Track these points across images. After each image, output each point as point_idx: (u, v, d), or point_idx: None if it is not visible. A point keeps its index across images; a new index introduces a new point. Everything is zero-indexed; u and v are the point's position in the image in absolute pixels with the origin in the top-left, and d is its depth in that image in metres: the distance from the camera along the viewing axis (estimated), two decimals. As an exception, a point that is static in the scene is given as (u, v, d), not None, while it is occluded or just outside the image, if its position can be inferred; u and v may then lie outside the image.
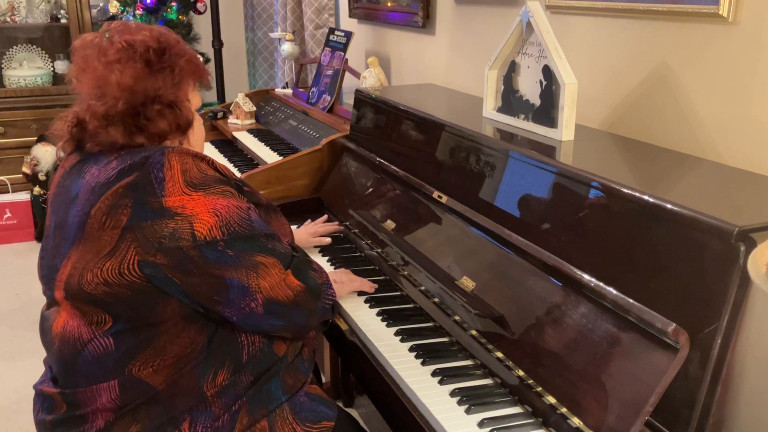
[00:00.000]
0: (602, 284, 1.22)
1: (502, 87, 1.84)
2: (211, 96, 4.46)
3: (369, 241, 1.93)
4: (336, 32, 2.91)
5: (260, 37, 4.78)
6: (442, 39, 2.67)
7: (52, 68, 4.58)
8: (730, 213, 1.13)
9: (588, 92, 1.87)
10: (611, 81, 1.85)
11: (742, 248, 1.06)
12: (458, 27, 2.56)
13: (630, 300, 1.16)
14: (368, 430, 1.54)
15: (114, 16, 4.29)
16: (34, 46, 4.58)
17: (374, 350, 1.50)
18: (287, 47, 3.47)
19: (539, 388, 1.24)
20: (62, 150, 1.40)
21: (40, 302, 1.42)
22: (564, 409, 1.18)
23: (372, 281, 1.75)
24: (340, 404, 1.88)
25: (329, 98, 2.79)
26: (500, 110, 1.86)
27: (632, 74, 1.78)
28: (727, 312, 1.06)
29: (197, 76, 1.40)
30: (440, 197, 1.73)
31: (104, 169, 1.27)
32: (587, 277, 1.25)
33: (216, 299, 1.25)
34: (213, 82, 4.27)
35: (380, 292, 1.73)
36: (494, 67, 1.85)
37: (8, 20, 4.44)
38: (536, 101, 1.71)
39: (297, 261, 1.36)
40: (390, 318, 1.60)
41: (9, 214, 4.24)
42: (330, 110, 2.75)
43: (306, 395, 1.41)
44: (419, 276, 1.67)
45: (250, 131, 3.02)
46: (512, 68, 1.79)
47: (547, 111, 1.67)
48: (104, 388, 1.26)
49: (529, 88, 1.73)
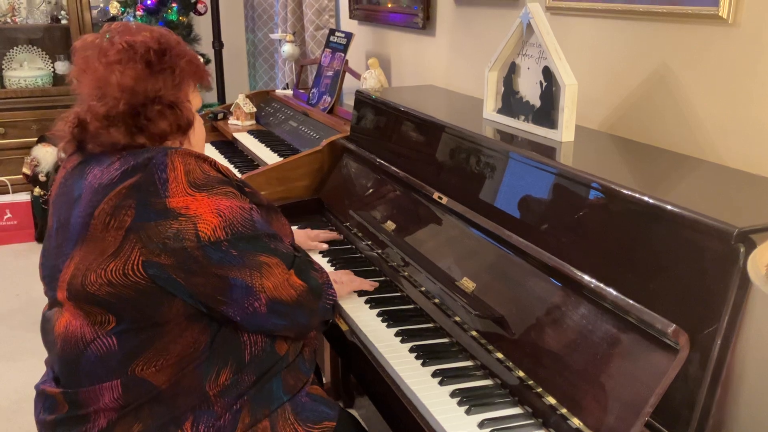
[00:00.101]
0: (602, 285, 1.22)
1: (502, 88, 1.84)
2: (212, 97, 4.46)
3: (369, 242, 1.93)
4: (336, 33, 2.91)
5: (260, 38, 4.78)
6: (443, 40, 2.68)
7: (53, 69, 4.58)
8: (730, 214, 1.13)
9: (588, 93, 1.87)
10: (611, 82, 1.85)
11: (742, 249, 1.06)
12: (458, 28, 2.56)
13: (630, 301, 1.16)
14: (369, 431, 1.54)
15: (114, 17, 4.29)
16: (35, 47, 4.58)
17: (374, 351, 1.50)
18: (287, 48, 3.47)
19: (539, 389, 1.25)
20: (64, 151, 1.40)
21: (41, 303, 1.42)
22: (564, 410, 1.19)
23: (372, 282, 1.75)
24: (340, 405, 1.88)
25: (329, 99, 2.79)
26: (500, 111, 1.86)
27: (632, 75, 1.78)
28: (727, 313, 1.06)
29: (198, 77, 1.41)
30: (440, 198, 1.74)
31: (107, 170, 1.27)
32: (587, 278, 1.25)
33: (220, 299, 1.26)
34: (213, 83, 4.26)
35: (380, 293, 1.73)
36: (494, 69, 1.85)
37: (9, 21, 4.44)
38: (536, 102, 1.72)
39: (299, 261, 1.37)
40: (390, 319, 1.60)
41: (9, 215, 4.25)
42: (330, 111, 2.75)
43: (307, 395, 1.42)
44: (419, 277, 1.67)
45: (251, 132, 3.03)
46: (512, 69, 1.79)
47: (548, 112, 1.68)
48: (107, 388, 1.27)
49: (529, 90, 1.74)
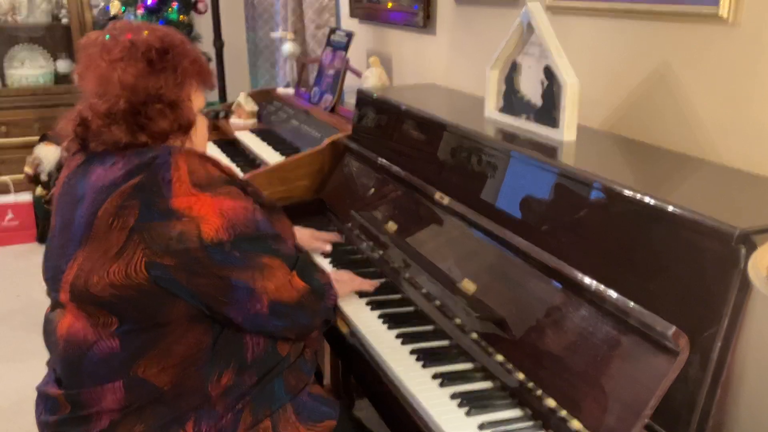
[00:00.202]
0: (603, 287, 1.22)
1: (504, 87, 1.84)
2: (213, 96, 4.45)
3: (371, 243, 1.93)
4: (337, 32, 2.91)
5: (261, 37, 4.77)
6: (443, 39, 2.67)
7: (54, 67, 4.58)
8: (731, 215, 1.12)
9: (589, 93, 1.86)
10: (612, 82, 1.85)
11: (743, 251, 1.06)
12: (459, 27, 2.55)
13: (630, 303, 1.16)
14: (371, 430, 1.54)
15: (115, 16, 4.28)
16: (36, 45, 4.57)
17: (375, 353, 1.50)
18: (288, 47, 3.47)
19: (539, 391, 1.24)
20: (67, 149, 1.40)
21: (42, 304, 1.42)
22: (564, 412, 1.18)
23: (373, 281, 1.75)
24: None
25: (331, 98, 2.78)
26: (502, 110, 1.85)
27: (633, 75, 1.78)
28: (728, 315, 1.06)
29: (201, 77, 1.40)
30: (442, 198, 1.73)
31: (110, 170, 1.27)
32: (588, 280, 1.25)
33: (222, 300, 1.26)
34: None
35: (381, 295, 1.73)
36: (495, 68, 1.84)
37: (9, 19, 4.44)
38: (538, 101, 1.71)
39: (302, 262, 1.37)
40: (391, 321, 1.60)
41: (11, 215, 4.24)
42: (332, 110, 2.75)
43: (308, 395, 1.42)
44: (420, 278, 1.67)
45: (252, 131, 3.02)
46: (513, 68, 1.79)
47: (549, 111, 1.67)
48: (109, 389, 1.27)
49: (531, 89, 1.73)
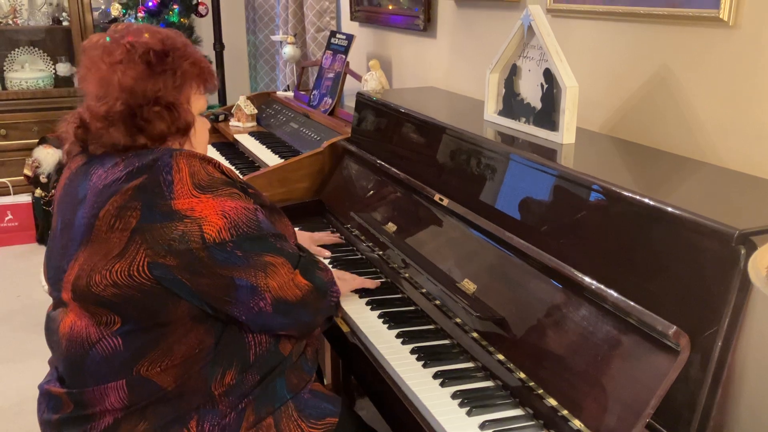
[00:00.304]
0: (603, 287, 1.22)
1: (503, 90, 1.84)
2: (213, 98, 4.46)
3: (370, 244, 1.93)
4: (337, 35, 2.92)
5: (261, 40, 4.78)
6: (443, 42, 2.68)
7: (54, 71, 4.58)
8: (731, 216, 1.13)
9: (589, 95, 1.87)
10: (612, 84, 1.86)
11: (743, 251, 1.06)
12: (459, 30, 2.56)
13: (631, 303, 1.17)
14: (371, 427, 1.54)
15: (116, 19, 4.29)
16: (36, 49, 4.58)
17: (375, 352, 1.50)
18: (288, 50, 3.48)
19: (540, 391, 1.25)
20: (68, 152, 1.40)
21: (42, 304, 1.42)
22: (565, 412, 1.19)
23: (374, 280, 1.76)
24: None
25: (330, 101, 2.79)
26: (501, 113, 1.86)
27: (633, 77, 1.79)
28: (728, 315, 1.06)
29: (202, 80, 1.40)
30: (441, 200, 1.74)
31: (111, 171, 1.27)
32: (588, 280, 1.25)
33: (225, 299, 1.26)
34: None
35: (381, 294, 1.73)
36: (495, 71, 1.85)
37: (10, 23, 4.45)
38: (537, 104, 1.72)
39: (304, 261, 1.38)
40: (391, 320, 1.60)
41: (10, 216, 4.25)
42: (331, 113, 2.76)
43: (310, 392, 1.42)
44: (420, 278, 1.67)
45: (252, 134, 3.03)
46: (513, 71, 1.80)
47: (548, 114, 1.68)
48: (112, 388, 1.27)
49: (531, 92, 1.74)
